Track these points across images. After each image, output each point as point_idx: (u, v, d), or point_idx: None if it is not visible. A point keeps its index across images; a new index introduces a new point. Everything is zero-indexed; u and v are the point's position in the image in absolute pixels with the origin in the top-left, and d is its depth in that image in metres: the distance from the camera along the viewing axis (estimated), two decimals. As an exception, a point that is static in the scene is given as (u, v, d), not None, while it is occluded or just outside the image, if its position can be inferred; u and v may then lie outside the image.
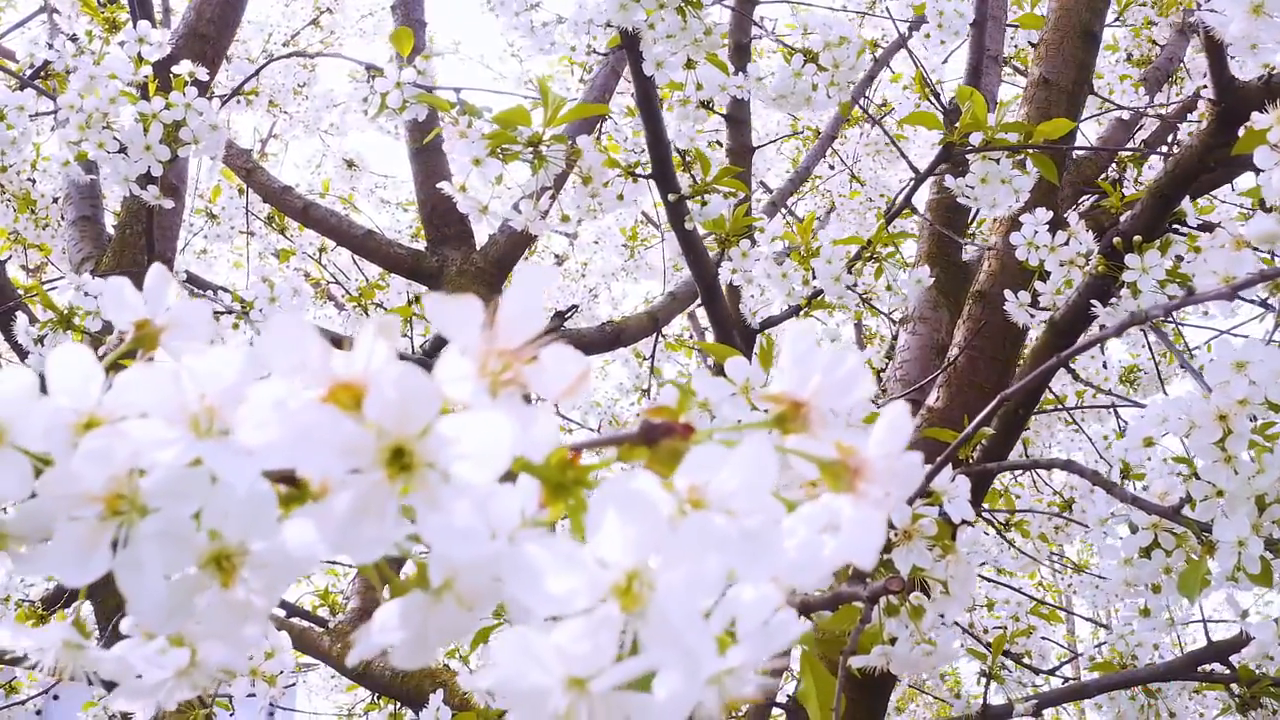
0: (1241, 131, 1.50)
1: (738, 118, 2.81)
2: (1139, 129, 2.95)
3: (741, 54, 2.69)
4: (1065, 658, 2.94)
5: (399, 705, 3.28)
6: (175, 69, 1.84)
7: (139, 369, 0.37)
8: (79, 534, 0.37)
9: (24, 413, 0.41)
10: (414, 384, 0.31)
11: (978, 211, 2.49)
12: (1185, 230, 1.73)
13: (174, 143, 1.82)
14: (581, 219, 1.70)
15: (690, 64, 1.85)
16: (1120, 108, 2.59)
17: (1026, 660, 2.77)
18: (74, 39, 1.87)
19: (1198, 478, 1.29)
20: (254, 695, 1.34)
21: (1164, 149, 2.76)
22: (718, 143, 3.33)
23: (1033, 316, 1.85)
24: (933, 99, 2.64)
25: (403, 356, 0.38)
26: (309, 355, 0.33)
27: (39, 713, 3.79)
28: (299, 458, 0.32)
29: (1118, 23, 2.85)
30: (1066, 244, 1.78)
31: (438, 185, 1.42)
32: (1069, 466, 1.43)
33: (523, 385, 0.34)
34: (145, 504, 0.36)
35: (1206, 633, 2.00)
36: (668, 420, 0.37)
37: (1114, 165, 2.74)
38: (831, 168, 4.77)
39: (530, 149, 1.43)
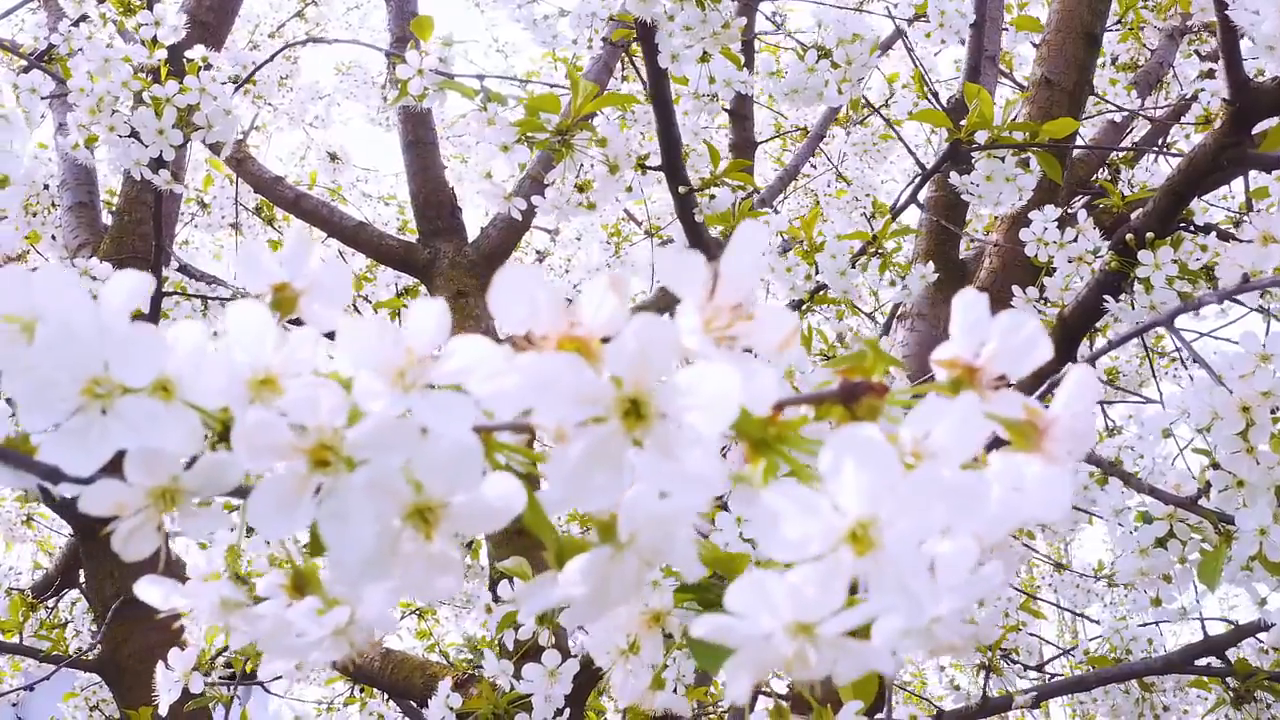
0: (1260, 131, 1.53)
1: (741, 113, 2.82)
2: (1129, 131, 2.98)
3: (747, 50, 2.71)
4: (1053, 654, 2.97)
5: (386, 697, 3.28)
6: (187, 54, 1.83)
7: (350, 321, 0.37)
8: (282, 486, 0.37)
9: (195, 368, 0.41)
10: (657, 335, 0.32)
11: (967, 208, 2.52)
12: (1193, 228, 1.76)
13: (186, 127, 1.82)
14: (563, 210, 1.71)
15: (705, 57, 1.86)
16: (1119, 109, 2.62)
17: (1014, 656, 2.80)
18: (85, 19, 1.86)
19: (1215, 468, 1.31)
20: (280, 678, 1.34)
21: (1154, 151, 2.79)
22: (705, 142, 3.34)
23: (1040, 313, 1.87)
24: (931, 97, 2.66)
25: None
26: (539, 306, 0.34)
27: (15, 704, 3.76)
28: (537, 405, 0.33)
29: (1118, 26, 2.88)
30: (1075, 241, 1.80)
31: (453, 173, 1.42)
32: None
33: (742, 340, 0.35)
34: (352, 456, 0.36)
35: (1204, 628, 2.03)
36: (866, 379, 0.38)
37: (1105, 167, 2.77)
38: (814, 166, 4.79)
39: (558, 137, 1.44)
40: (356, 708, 3.51)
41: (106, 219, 2.66)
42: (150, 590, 0.45)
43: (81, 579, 3.00)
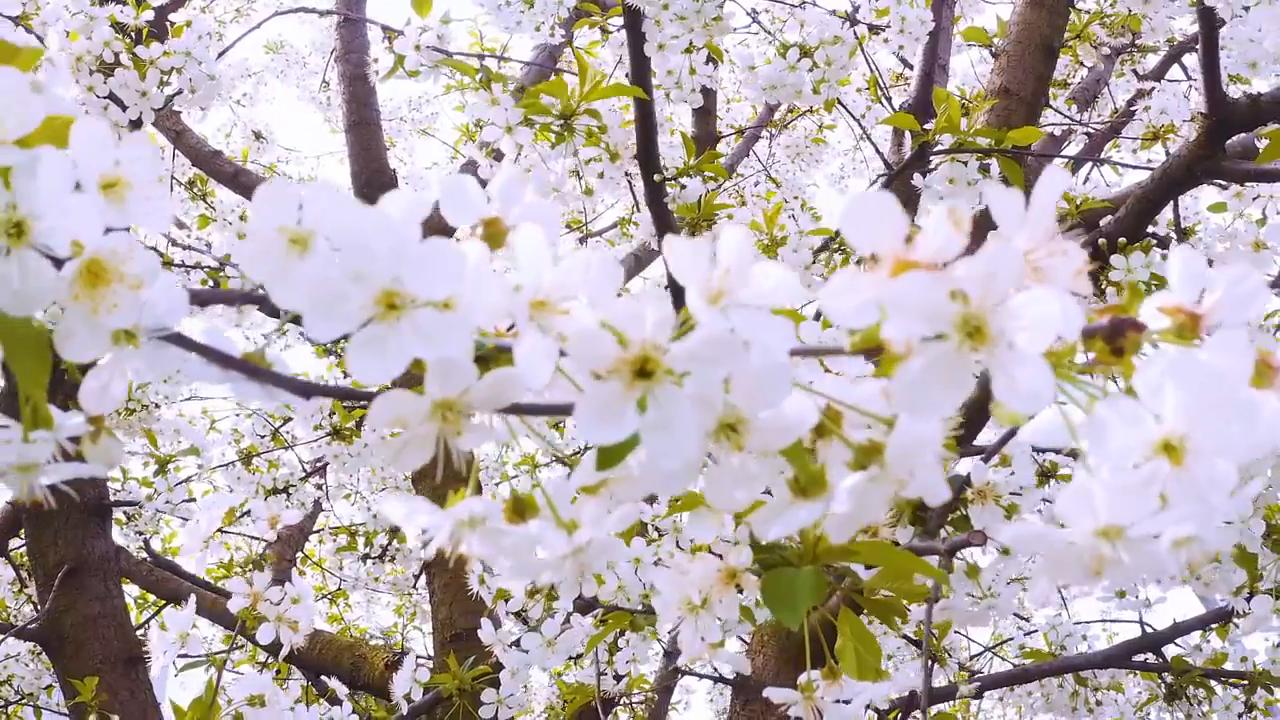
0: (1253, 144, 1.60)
1: (705, 108, 2.86)
2: (1068, 144, 3.08)
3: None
4: (976, 650, 3.05)
5: (313, 678, 3.28)
6: (170, 17, 1.82)
7: (674, 240, 0.39)
8: (604, 396, 0.39)
9: (476, 287, 0.43)
10: (1006, 260, 0.35)
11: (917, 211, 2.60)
12: (1155, 239, 1.84)
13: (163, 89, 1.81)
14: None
15: (690, 48, 1.89)
16: (1073, 121, 2.71)
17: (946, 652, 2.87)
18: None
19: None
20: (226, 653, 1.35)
21: (1094, 161, 2.89)
22: (681, 133, 3.37)
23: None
24: (884, 101, 2.73)
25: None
26: (885, 229, 0.36)
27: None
28: (890, 319, 0.36)
29: (1073, 40, 2.98)
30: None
31: (481, 151, 1.44)
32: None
33: (1047, 271, 0.38)
34: (674, 369, 0.39)
35: (1142, 625, 2.12)
36: (1129, 316, 0.41)
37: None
38: (740, 173, 4.84)
39: (561, 120, 1.46)
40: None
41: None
42: (394, 507, 0.47)
43: (11, 547, 2.94)
